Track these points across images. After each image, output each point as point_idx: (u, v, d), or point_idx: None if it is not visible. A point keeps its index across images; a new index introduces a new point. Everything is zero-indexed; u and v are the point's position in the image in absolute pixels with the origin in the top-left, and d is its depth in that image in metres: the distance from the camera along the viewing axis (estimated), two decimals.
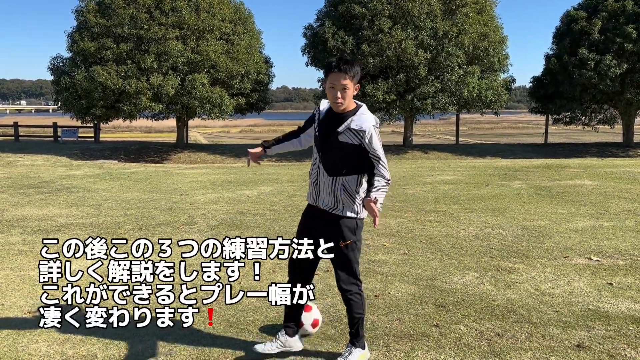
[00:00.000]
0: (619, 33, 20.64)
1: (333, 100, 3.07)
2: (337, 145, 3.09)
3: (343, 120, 3.09)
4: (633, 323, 3.74)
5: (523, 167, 14.44)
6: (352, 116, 3.09)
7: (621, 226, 6.71)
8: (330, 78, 3.04)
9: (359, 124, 3.07)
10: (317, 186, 3.17)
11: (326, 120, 3.17)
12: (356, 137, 3.06)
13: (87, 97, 19.94)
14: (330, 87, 3.05)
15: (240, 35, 21.68)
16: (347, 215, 3.12)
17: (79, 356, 3.33)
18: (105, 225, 7.10)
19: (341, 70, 3.01)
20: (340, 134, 3.07)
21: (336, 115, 3.12)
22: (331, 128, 3.11)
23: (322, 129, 3.16)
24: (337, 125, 3.09)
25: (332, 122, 3.12)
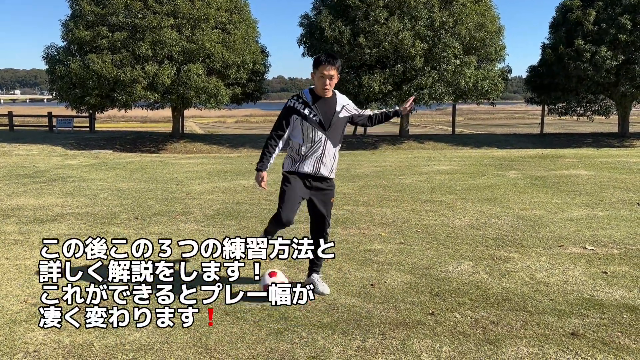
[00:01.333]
0: (614, 24, 20.59)
1: (322, 87, 3.87)
2: (337, 122, 3.97)
3: (334, 102, 3.97)
4: (627, 311, 3.77)
5: (519, 157, 14.47)
6: (337, 98, 4.00)
7: (616, 216, 6.75)
8: (321, 69, 3.83)
9: (344, 100, 4.05)
10: (321, 159, 3.97)
11: (321, 105, 3.92)
12: (347, 111, 4.05)
13: (82, 86, 19.82)
14: (320, 76, 3.84)
15: (236, 25, 21.55)
16: (333, 178, 4.13)
17: (76, 345, 3.33)
18: (101, 215, 7.08)
19: (330, 63, 3.82)
20: (339, 112, 3.98)
21: (327, 100, 3.94)
22: (330, 110, 3.94)
23: (323, 111, 3.92)
24: (332, 107, 3.95)
25: (327, 106, 3.93)
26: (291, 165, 4.05)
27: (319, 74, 3.83)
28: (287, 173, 4.07)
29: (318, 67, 3.83)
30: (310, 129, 3.90)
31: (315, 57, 3.92)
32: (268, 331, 3.49)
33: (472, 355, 3.15)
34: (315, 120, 3.90)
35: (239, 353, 3.21)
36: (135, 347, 3.29)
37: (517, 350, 3.21)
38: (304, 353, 3.20)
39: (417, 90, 20.15)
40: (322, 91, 3.89)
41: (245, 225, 6.42)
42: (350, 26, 20.26)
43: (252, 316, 3.73)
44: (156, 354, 3.21)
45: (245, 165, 13.05)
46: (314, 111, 3.90)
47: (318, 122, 3.90)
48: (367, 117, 4.17)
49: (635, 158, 13.69)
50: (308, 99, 3.93)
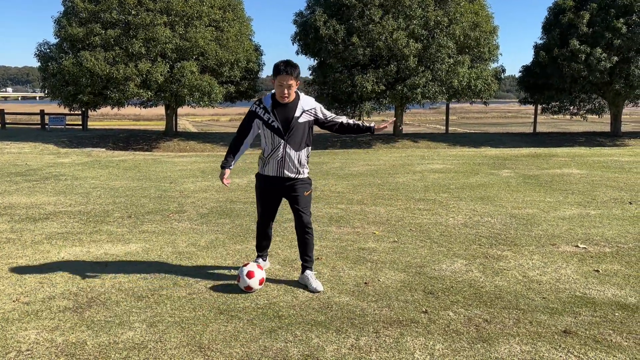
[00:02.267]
0: (608, 27, 20.66)
1: (281, 95, 3.96)
2: (297, 126, 4.03)
3: (295, 107, 4.03)
4: (619, 309, 3.80)
5: (512, 156, 14.53)
6: (298, 102, 4.04)
7: (608, 214, 6.79)
8: (279, 78, 3.91)
9: (307, 104, 4.09)
10: (282, 163, 4.09)
11: (280, 111, 4.01)
12: (310, 115, 4.09)
13: (75, 84, 19.69)
14: (279, 85, 3.93)
15: (230, 22, 21.48)
16: (305, 177, 4.22)
17: (69, 344, 3.32)
18: (94, 213, 7.05)
19: (287, 73, 3.89)
20: (299, 117, 4.03)
21: (286, 105, 4.01)
22: (289, 115, 4.01)
23: (282, 118, 4.00)
24: (292, 112, 4.01)
25: (287, 111, 4.01)
26: (260, 167, 4.23)
27: (278, 82, 3.93)
28: (257, 176, 4.30)
29: (277, 75, 3.92)
30: (270, 135, 4.04)
31: (275, 64, 3.96)
32: (262, 329, 3.49)
33: (465, 353, 3.17)
34: (274, 126, 4.01)
35: (232, 351, 3.21)
36: (129, 346, 3.28)
37: (510, 348, 3.23)
38: (298, 351, 3.21)
39: (410, 90, 20.17)
40: (281, 99, 4.00)
41: (239, 224, 6.42)
42: (345, 25, 20.24)
43: (246, 315, 3.73)
44: (150, 353, 3.20)
45: (238, 164, 13.03)
46: (272, 117, 4.01)
47: (276, 128, 4.02)
48: (339, 124, 4.20)
49: (627, 157, 13.79)
50: (268, 104, 4.04)
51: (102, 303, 3.95)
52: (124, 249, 5.37)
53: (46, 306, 3.89)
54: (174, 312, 3.77)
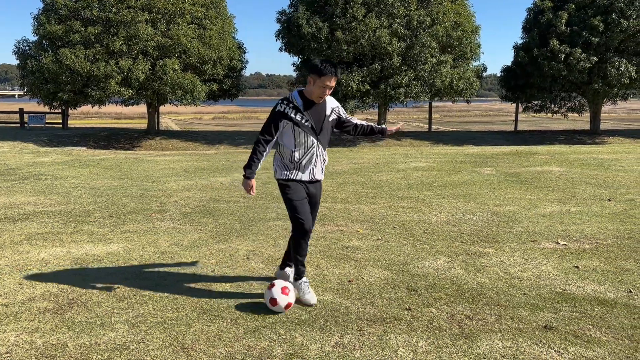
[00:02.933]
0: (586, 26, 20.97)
1: (320, 96, 3.80)
2: (327, 126, 3.94)
3: (325, 105, 3.92)
4: (598, 304, 3.86)
5: (493, 154, 14.68)
6: (326, 100, 3.94)
7: (587, 211, 6.90)
8: (323, 79, 3.72)
9: (333, 103, 4.01)
10: (315, 164, 3.92)
11: (313, 110, 3.85)
12: (336, 114, 4.01)
13: (55, 82, 19.39)
14: (322, 86, 3.75)
15: (213, 20, 21.33)
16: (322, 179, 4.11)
17: (49, 345, 3.27)
18: (75, 213, 6.96)
19: (334, 75, 3.74)
20: (329, 116, 3.94)
21: (316, 104, 3.86)
22: (321, 114, 3.89)
23: (315, 117, 3.85)
24: (323, 111, 3.90)
25: (319, 110, 3.88)
26: (288, 173, 3.90)
27: (321, 83, 3.73)
28: (286, 181, 3.92)
29: (321, 76, 3.71)
30: (303, 135, 3.82)
31: (316, 63, 3.75)
32: (245, 329, 3.48)
33: (448, 350, 3.20)
34: (308, 125, 3.82)
35: (216, 351, 3.19)
36: (110, 347, 3.25)
37: (492, 344, 3.27)
38: (282, 350, 3.20)
39: (394, 89, 20.26)
40: (318, 99, 3.82)
41: (222, 223, 6.38)
42: (328, 22, 20.24)
43: (230, 314, 3.72)
44: (132, 354, 3.17)
45: (222, 163, 12.96)
46: (305, 116, 3.81)
47: (310, 128, 3.83)
48: (353, 126, 4.11)
49: (606, 154, 14.02)
50: (299, 103, 3.81)
51: (83, 304, 3.90)
52: (106, 249, 5.31)
53: (26, 307, 3.83)
54: (156, 313, 3.74)
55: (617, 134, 24.94)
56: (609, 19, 20.81)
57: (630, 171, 10.57)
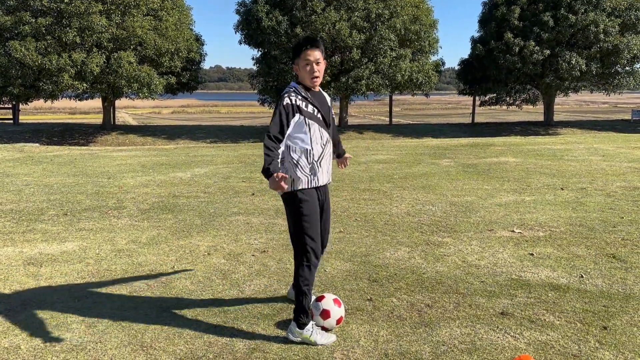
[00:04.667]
0: (536, 21, 21.62)
1: (311, 76, 3.23)
2: (332, 118, 3.46)
3: (325, 97, 3.44)
4: (551, 290, 4.00)
5: (452, 145, 14.97)
6: (323, 93, 3.45)
7: (541, 200, 7.12)
8: (304, 55, 3.20)
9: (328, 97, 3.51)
10: (330, 161, 3.42)
11: (318, 100, 3.33)
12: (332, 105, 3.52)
13: (4, 76, 18.64)
14: (305, 63, 3.21)
15: (169, 11, 20.93)
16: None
17: (1, 348, 3.15)
18: (27, 211, 6.71)
19: (313, 46, 3.21)
20: (331, 107, 3.47)
21: (318, 95, 3.35)
22: (325, 105, 3.38)
23: (322, 108, 3.33)
24: (326, 102, 3.41)
25: (323, 100, 3.38)
26: (305, 179, 3.27)
27: (303, 60, 3.20)
28: (303, 193, 3.26)
29: (300, 53, 3.21)
30: (317, 129, 3.27)
31: (294, 44, 3.36)
32: (207, 325, 3.44)
33: (408, 338, 3.25)
34: (319, 117, 3.28)
35: (176, 349, 3.15)
36: (67, 348, 3.16)
37: (451, 331, 3.34)
38: (244, 345, 3.18)
39: (355, 82, 20.37)
40: (311, 81, 3.24)
41: (182, 219, 6.28)
42: (288, 16, 20.14)
43: (190, 311, 3.67)
44: (89, 354, 3.09)
45: (182, 157, 12.75)
46: (314, 107, 3.26)
47: (322, 120, 3.30)
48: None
49: (559, 145, 14.50)
50: (306, 93, 3.27)
51: (37, 305, 3.77)
52: (60, 247, 5.15)
53: None
54: (113, 312, 3.65)
55: (570, 125, 25.84)
56: (558, 14, 21.49)
57: (581, 161, 10.96)
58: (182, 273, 4.43)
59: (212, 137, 20.65)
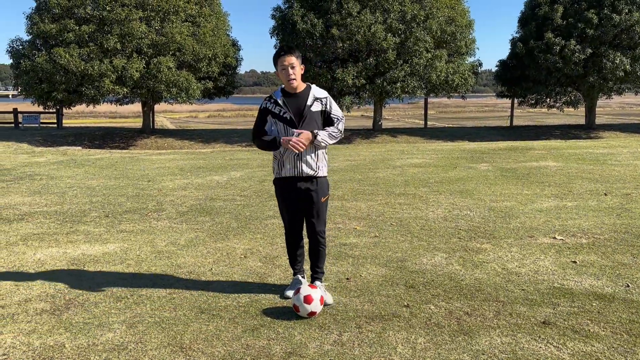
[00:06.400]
0: (581, 18, 21.08)
1: (287, 79, 3.73)
2: (310, 116, 3.77)
3: (306, 96, 3.80)
4: (596, 299, 3.87)
5: (489, 149, 14.70)
6: (310, 91, 3.82)
7: (584, 206, 6.91)
8: (280, 62, 3.73)
9: (319, 93, 3.85)
10: (300, 158, 3.77)
11: (291, 101, 3.78)
12: (320, 104, 3.82)
13: (49, 81, 19.28)
14: (282, 69, 3.73)
15: (207, 17, 21.25)
16: (324, 176, 3.90)
17: (46, 347, 3.25)
18: (70, 213, 6.93)
19: (287, 53, 3.73)
20: (311, 105, 3.78)
21: (297, 95, 3.79)
22: (301, 104, 3.77)
23: (293, 107, 3.76)
24: (303, 100, 3.78)
25: (298, 101, 3.78)
26: (277, 169, 3.88)
27: (280, 67, 3.74)
28: (276, 182, 3.94)
29: (277, 61, 3.75)
30: (283, 127, 3.76)
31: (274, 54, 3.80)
32: (244, 328, 3.47)
33: (446, 346, 3.19)
34: (286, 117, 3.75)
35: (214, 351, 3.18)
36: (109, 348, 3.23)
37: (491, 340, 3.26)
38: (281, 349, 3.19)
39: (390, 84, 20.25)
40: (288, 83, 3.74)
41: (219, 222, 6.36)
42: (323, 19, 20.19)
43: (228, 313, 3.71)
44: (130, 354, 3.15)
45: (218, 161, 12.93)
46: (283, 108, 3.76)
47: (288, 120, 3.75)
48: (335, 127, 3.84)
49: (602, 149, 14.06)
50: (278, 97, 3.81)
51: (80, 305, 3.88)
52: (102, 249, 5.29)
53: (22, 309, 3.81)
54: (154, 313, 3.72)
55: (613, 128, 25.01)
56: (601, 13, 20.89)
57: (626, 165, 10.60)
58: (219, 275, 4.48)
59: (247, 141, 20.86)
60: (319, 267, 3.98)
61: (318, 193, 3.84)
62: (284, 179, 3.86)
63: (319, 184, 3.85)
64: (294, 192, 3.84)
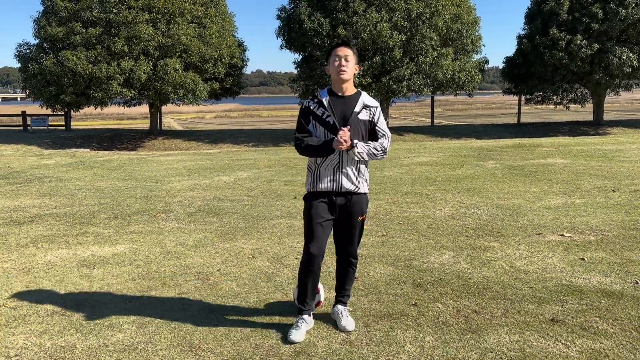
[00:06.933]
0: (586, 13, 20.95)
1: (337, 70, 3.28)
2: (357, 124, 3.31)
3: (355, 101, 3.35)
4: (604, 296, 3.86)
5: (497, 147, 14.65)
6: (360, 97, 3.38)
7: (592, 203, 6.88)
8: (334, 52, 3.31)
9: (370, 101, 3.40)
10: (339, 171, 3.33)
11: (338, 105, 3.33)
12: (369, 113, 3.36)
13: (57, 84, 19.44)
14: (335, 60, 3.30)
15: (212, 18, 21.34)
16: (365, 192, 3.43)
17: (58, 347, 3.29)
18: (80, 214, 6.99)
19: (344, 44, 3.34)
20: (359, 112, 3.33)
21: (345, 99, 3.35)
22: (348, 109, 3.32)
23: (339, 112, 3.31)
24: (352, 106, 3.33)
25: (346, 105, 3.33)
26: (310, 182, 3.39)
27: (333, 58, 3.30)
28: (309, 197, 3.41)
29: (331, 52, 3.34)
30: (323, 133, 3.30)
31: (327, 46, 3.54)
32: (253, 328, 3.49)
33: (455, 345, 3.20)
34: (329, 121, 3.29)
35: (224, 350, 3.21)
36: (119, 348, 3.27)
37: (499, 338, 3.27)
38: (289, 348, 3.21)
39: (395, 82, 20.23)
40: (337, 76, 3.28)
41: (227, 222, 6.40)
42: (329, 18, 20.21)
43: (236, 313, 3.73)
44: (140, 354, 3.19)
45: (225, 162, 12.98)
46: (327, 111, 3.30)
47: (331, 125, 3.28)
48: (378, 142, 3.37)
49: (610, 145, 13.97)
50: (324, 97, 3.36)
51: (91, 305, 3.92)
52: (111, 250, 5.34)
53: (34, 310, 3.85)
54: (163, 313, 3.76)
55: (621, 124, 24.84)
56: (607, 8, 20.75)
57: (634, 162, 10.53)
58: (228, 275, 4.51)
59: (254, 141, 20.93)
60: (345, 289, 3.58)
61: (357, 211, 3.38)
62: (319, 194, 3.35)
63: (359, 200, 3.38)
64: (330, 208, 3.36)
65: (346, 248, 3.48)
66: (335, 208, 3.36)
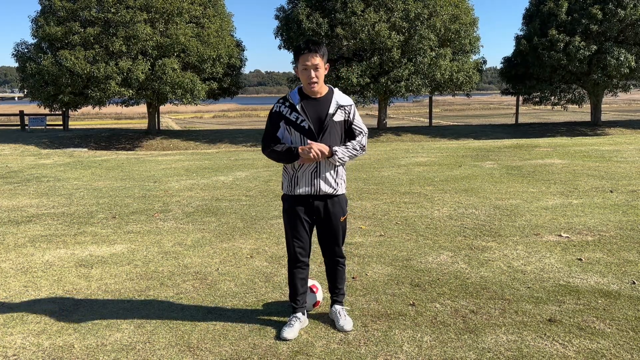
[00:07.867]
0: (585, 14, 20.99)
1: (308, 81, 3.18)
2: (332, 126, 3.25)
3: (328, 102, 3.27)
4: (601, 296, 3.87)
5: (494, 147, 14.67)
6: (333, 96, 3.29)
7: (590, 203, 6.90)
8: (302, 59, 3.17)
9: (343, 100, 3.32)
10: (317, 177, 3.29)
11: (311, 107, 3.25)
12: (344, 113, 3.30)
13: (55, 84, 19.42)
14: (303, 68, 3.18)
15: (211, 18, 21.35)
16: (343, 192, 3.43)
17: (56, 347, 3.29)
18: (78, 214, 6.98)
19: (311, 50, 3.16)
20: (334, 114, 3.26)
21: (318, 100, 3.26)
22: (322, 112, 3.24)
23: (313, 115, 3.23)
24: (325, 108, 3.25)
25: (319, 107, 3.25)
26: (287, 185, 3.35)
27: (301, 66, 3.18)
28: (286, 199, 3.40)
29: (298, 58, 3.19)
30: (299, 138, 3.23)
31: (294, 46, 3.47)
32: (251, 327, 3.50)
33: (452, 344, 3.21)
34: (304, 126, 3.22)
35: (222, 350, 3.21)
36: (117, 348, 3.27)
37: (497, 338, 3.28)
38: (287, 347, 3.22)
39: (394, 83, 20.25)
40: (308, 87, 3.20)
41: (225, 222, 6.40)
42: (328, 18, 20.22)
43: (235, 313, 3.73)
44: (138, 354, 3.19)
45: (223, 161, 12.97)
46: (301, 115, 3.22)
47: (307, 129, 3.21)
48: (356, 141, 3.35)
49: (608, 146, 14.00)
50: (295, 100, 3.25)
51: (89, 305, 3.92)
52: (109, 250, 5.33)
53: (32, 310, 3.85)
54: (161, 313, 3.76)
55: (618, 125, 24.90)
56: (606, 9, 20.78)
57: (632, 162, 10.56)
58: (226, 275, 4.51)
59: (252, 141, 20.92)
60: (339, 289, 3.56)
61: (337, 213, 3.37)
62: (297, 197, 3.33)
63: (338, 202, 3.38)
64: (309, 211, 3.35)
65: (332, 249, 3.48)
66: (314, 211, 3.36)
